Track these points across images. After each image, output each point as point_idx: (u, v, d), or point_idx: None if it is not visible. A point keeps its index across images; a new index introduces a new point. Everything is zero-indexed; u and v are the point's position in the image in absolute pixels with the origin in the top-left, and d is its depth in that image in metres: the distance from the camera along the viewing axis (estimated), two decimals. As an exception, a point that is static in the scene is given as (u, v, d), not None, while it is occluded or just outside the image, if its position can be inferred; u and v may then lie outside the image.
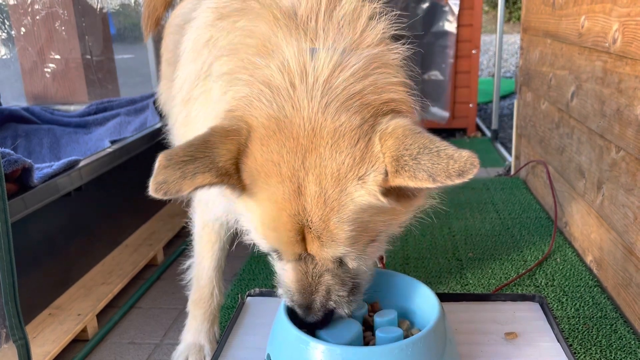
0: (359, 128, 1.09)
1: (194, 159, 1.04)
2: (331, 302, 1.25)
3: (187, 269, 1.90)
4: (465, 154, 1.00)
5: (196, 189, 1.05)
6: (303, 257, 1.18)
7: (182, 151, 1.05)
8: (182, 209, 1.87)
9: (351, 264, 1.20)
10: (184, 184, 1.03)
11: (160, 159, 1.04)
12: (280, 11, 1.21)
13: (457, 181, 0.99)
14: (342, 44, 1.16)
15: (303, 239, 1.14)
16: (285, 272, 1.25)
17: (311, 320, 1.26)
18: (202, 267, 1.82)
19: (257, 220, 1.16)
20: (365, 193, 1.08)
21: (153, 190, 1.03)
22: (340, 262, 1.20)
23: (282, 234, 1.13)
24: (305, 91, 1.09)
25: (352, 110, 1.09)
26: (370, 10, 1.23)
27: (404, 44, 1.24)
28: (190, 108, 1.47)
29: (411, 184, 1.04)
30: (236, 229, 1.45)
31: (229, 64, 1.27)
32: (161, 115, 2.75)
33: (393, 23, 1.24)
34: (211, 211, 1.69)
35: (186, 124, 1.52)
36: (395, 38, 1.26)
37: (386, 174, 1.07)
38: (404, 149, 1.04)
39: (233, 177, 1.10)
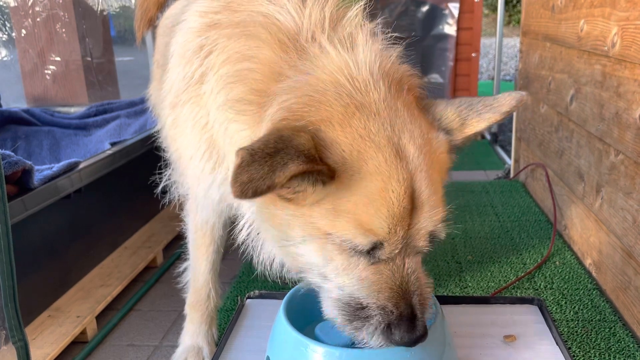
0: (414, 103, 1.23)
1: (277, 151, 1.00)
2: (427, 302, 1.20)
3: (184, 271, 1.91)
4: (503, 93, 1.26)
5: (291, 179, 1.01)
6: (400, 251, 1.14)
7: (263, 145, 1.00)
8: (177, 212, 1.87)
9: (443, 233, 1.19)
10: (276, 176, 0.98)
11: (242, 156, 0.98)
12: (285, 35, 1.25)
13: (515, 106, 1.23)
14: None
15: (411, 210, 1.12)
16: (374, 285, 1.17)
17: (418, 334, 1.16)
18: (197, 270, 1.83)
19: (361, 204, 1.09)
20: (444, 150, 1.22)
21: (239, 192, 0.97)
22: (431, 240, 1.18)
23: (394, 206, 1.09)
24: (368, 79, 1.18)
25: (404, 89, 1.23)
26: (368, 29, 1.27)
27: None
28: (179, 112, 1.47)
29: (481, 125, 1.25)
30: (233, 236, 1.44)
31: (237, 92, 1.27)
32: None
33: (390, 44, 1.29)
34: (200, 214, 1.70)
35: (175, 126, 1.53)
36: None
37: (448, 133, 1.24)
38: (457, 107, 1.26)
39: (319, 163, 1.06)
